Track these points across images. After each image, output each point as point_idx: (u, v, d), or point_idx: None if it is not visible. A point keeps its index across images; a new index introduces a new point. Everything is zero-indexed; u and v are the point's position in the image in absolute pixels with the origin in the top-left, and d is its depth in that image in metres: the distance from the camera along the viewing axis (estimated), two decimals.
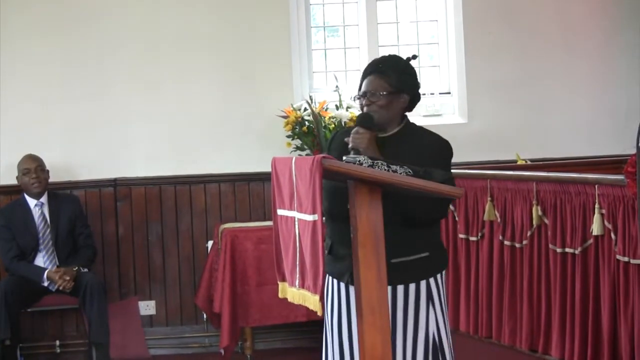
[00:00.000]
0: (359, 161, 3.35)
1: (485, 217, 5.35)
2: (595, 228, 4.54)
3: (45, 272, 6.25)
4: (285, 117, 6.73)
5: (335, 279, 3.71)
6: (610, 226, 4.48)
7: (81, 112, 6.84)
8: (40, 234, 6.38)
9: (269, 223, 5.68)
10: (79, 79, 6.84)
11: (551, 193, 4.89)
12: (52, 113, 6.83)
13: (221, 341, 6.23)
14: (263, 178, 6.79)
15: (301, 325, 6.41)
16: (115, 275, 6.89)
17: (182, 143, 6.94)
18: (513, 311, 5.22)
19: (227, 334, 6.16)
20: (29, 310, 6.42)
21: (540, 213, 4.95)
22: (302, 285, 3.39)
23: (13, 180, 6.54)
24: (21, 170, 6.46)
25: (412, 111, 3.78)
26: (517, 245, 5.16)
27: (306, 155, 6.45)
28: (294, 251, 3.43)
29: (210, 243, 6.73)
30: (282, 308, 6.15)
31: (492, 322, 5.37)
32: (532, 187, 5.00)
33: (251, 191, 6.96)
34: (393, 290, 3.57)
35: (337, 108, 6.77)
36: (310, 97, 6.80)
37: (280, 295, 3.63)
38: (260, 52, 6.96)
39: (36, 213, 6.42)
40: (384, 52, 7.09)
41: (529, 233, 5.06)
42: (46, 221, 6.42)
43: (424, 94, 7.25)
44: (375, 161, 3.36)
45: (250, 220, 6.88)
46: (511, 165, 6.28)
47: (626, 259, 4.38)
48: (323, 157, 3.23)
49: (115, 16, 6.87)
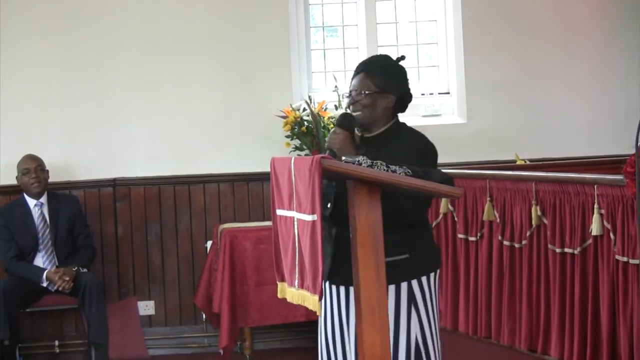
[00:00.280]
0: (358, 161, 3.35)
1: (484, 217, 5.35)
2: (594, 228, 4.53)
3: (44, 273, 6.24)
4: (284, 117, 6.72)
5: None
6: (609, 226, 4.48)
7: (81, 112, 6.84)
8: (39, 234, 6.38)
9: (268, 223, 5.69)
10: (79, 79, 6.84)
11: (550, 193, 4.88)
12: (52, 113, 6.83)
13: (220, 341, 6.23)
14: (262, 178, 6.79)
15: (300, 325, 6.41)
16: (114, 275, 6.89)
17: (182, 143, 6.94)
18: (512, 311, 5.22)
19: (226, 334, 6.16)
20: (28, 310, 6.42)
21: (539, 213, 4.95)
22: (302, 285, 3.39)
23: (12, 180, 6.54)
24: (21, 170, 6.45)
25: (405, 112, 3.77)
26: (516, 245, 5.15)
27: (305, 155, 6.46)
28: (293, 251, 3.43)
29: (209, 243, 6.73)
30: (281, 308, 6.15)
31: (492, 322, 5.37)
32: (531, 187, 5.00)
33: (250, 191, 6.96)
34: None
35: (336, 108, 6.76)
36: (309, 97, 6.80)
37: (279, 295, 3.63)
38: (259, 52, 6.96)
39: (36, 213, 6.42)
40: (384, 52, 7.10)
41: (528, 233, 5.05)
42: (45, 221, 6.41)
43: (423, 94, 7.26)
44: (374, 161, 3.36)
45: (249, 220, 6.88)
46: (510, 165, 6.27)
47: (625, 259, 4.37)
48: (322, 157, 3.23)
49: (115, 16, 6.87)
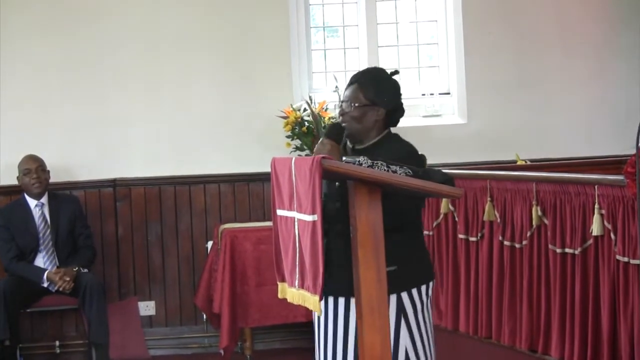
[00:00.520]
0: (359, 161, 3.35)
1: (485, 218, 5.35)
2: (595, 228, 4.53)
3: (45, 273, 6.24)
4: (284, 118, 6.72)
5: None
6: (610, 226, 4.48)
7: (81, 113, 6.84)
8: (40, 235, 6.38)
9: (269, 223, 5.67)
10: (79, 80, 6.84)
11: (551, 193, 4.88)
12: (52, 113, 6.83)
13: (221, 341, 6.23)
14: (263, 178, 6.79)
15: (300, 325, 6.41)
16: (114, 275, 6.88)
17: (182, 143, 6.94)
18: (513, 311, 5.21)
19: (227, 335, 6.16)
20: (29, 310, 6.41)
21: (540, 213, 4.95)
22: (302, 285, 3.39)
23: (13, 180, 6.54)
24: (22, 170, 6.45)
25: (397, 125, 3.77)
26: (517, 245, 5.15)
27: (306, 155, 6.45)
28: (294, 251, 3.43)
29: (209, 243, 6.73)
30: (282, 308, 6.15)
31: (492, 323, 5.36)
32: (532, 188, 4.99)
33: (251, 191, 6.96)
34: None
35: (337, 108, 6.76)
36: (309, 98, 6.80)
37: (279, 295, 3.63)
38: (259, 53, 6.96)
39: (36, 213, 6.41)
40: (384, 53, 7.12)
41: (529, 233, 5.05)
42: (46, 221, 6.41)
43: (423, 95, 7.26)
44: (374, 161, 3.36)
45: (249, 220, 6.87)
46: (511, 165, 6.28)
47: (626, 259, 4.37)
48: (322, 158, 3.23)
49: (115, 16, 6.87)
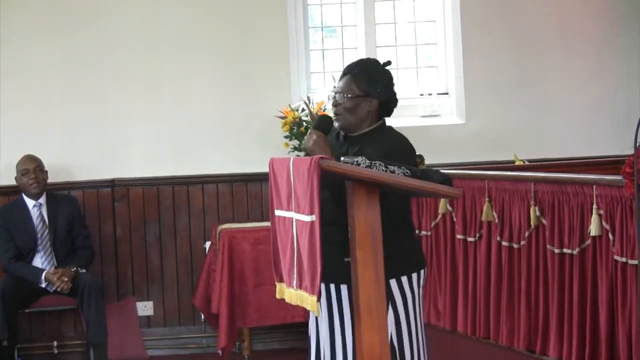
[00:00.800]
0: (357, 162, 3.35)
1: (483, 218, 5.35)
2: (593, 228, 4.53)
3: (43, 273, 6.23)
4: (283, 118, 6.72)
5: None
6: (608, 227, 4.48)
7: (80, 113, 6.84)
8: (38, 235, 6.38)
9: (267, 224, 5.67)
10: (78, 80, 6.83)
11: (549, 193, 4.88)
12: (51, 113, 6.83)
13: (219, 342, 6.23)
14: (261, 178, 6.79)
15: (299, 325, 6.39)
16: (113, 275, 6.88)
17: (180, 143, 6.94)
18: (511, 312, 5.21)
19: (225, 335, 6.16)
20: (27, 310, 6.41)
21: (538, 213, 4.95)
22: (300, 285, 3.39)
23: (11, 180, 6.53)
24: (20, 170, 6.45)
25: (391, 115, 3.80)
26: (515, 245, 5.15)
27: (304, 155, 6.45)
28: (292, 252, 3.43)
29: (208, 244, 6.73)
30: (280, 308, 6.15)
31: (490, 323, 5.36)
32: (530, 188, 5.00)
33: (249, 192, 6.96)
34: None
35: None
36: (308, 98, 6.80)
37: (277, 295, 3.63)
38: (258, 53, 6.96)
39: (34, 214, 6.41)
40: (382, 53, 7.11)
41: (527, 234, 5.05)
42: (44, 222, 6.41)
43: (422, 95, 7.26)
44: (373, 162, 3.36)
45: (248, 220, 6.87)
46: (509, 165, 6.28)
47: (624, 260, 4.37)
48: (321, 158, 3.24)
49: (114, 16, 6.87)
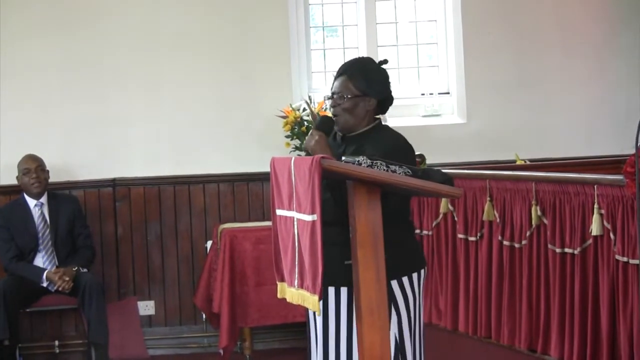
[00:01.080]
0: (358, 161, 3.35)
1: (484, 217, 5.34)
2: (594, 228, 4.53)
3: (44, 273, 6.24)
4: (284, 117, 6.72)
5: None
6: (609, 226, 4.47)
7: (80, 112, 6.84)
8: (39, 234, 6.38)
9: (268, 223, 5.67)
10: (79, 79, 6.84)
11: (550, 193, 4.88)
12: (52, 113, 6.83)
13: (220, 341, 6.23)
14: (262, 178, 6.79)
15: (300, 325, 6.39)
16: (114, 275, 6.88)
17: (181, 143, 6.94)
18: (512, 311, 5.21)
19: (226, 334, 6.16)
20: (28, 310, 6.41)
21: (539, 213, 4.95)
22: (301, 285, 3.39)
23: (13, 180, 6.53)
24: (21, 170, 6.45)
25: (388, 112, 3.83)
26: (516, 245, 5.15)
27: (305, 155, 6.45)
28: (293, 251, 3.43)
29: (209, 243, 6.73)
30: (281, 308, 6.15)
31: (491, 322, 5.36)
32: (531, 187, 4.99)
33: (250, 191, 6.96)
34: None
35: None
36: (309, 97, 6.80)
37: (279, 295, 3.63)
38: (259, 52, 6.96)
39: (36, 213, 6.41)
40: (383, 52, 7.11)
41: (528, 233, 5.05)
42: (46, 221, 6.41)
43: (423, 94, 7.26)
44: (374, 161, 3.36)
45: (249, 220, 6.87)
46: (510, 165, 6.28)
47: (625, 259, 4.37)
48: (322, 157, 3.23)
49: (114, 16, 6.87)
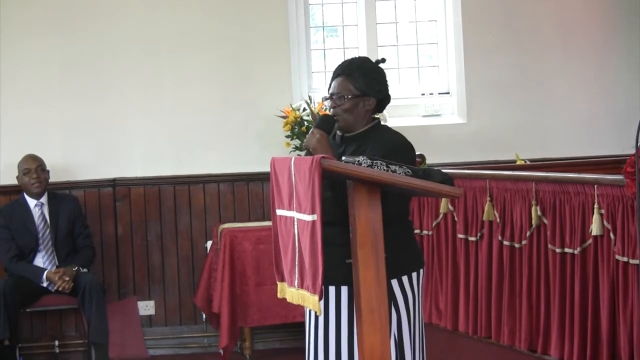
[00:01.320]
0: (358, 161, 3.35)
1: (484, 217, 5.35)
2: (594, 228, 4.53)
3: (44, 273, 6.24)
4: (284, 117, 6.72)
5: None
6: (609, 226, 4.48)
7: (81, 112, 6.84)
8: (39, 234, 6.38)
9: (268, 223, 5.69)
10: (79, 79, 6.84)
11: (550, 193, 4.88)
12: (52, 113, 6.83)
13: (220, 341, 6.23)
14: (262, 178, 6.80)
15: (300, 325, 6.36)
16: (114, 275, 6.88)
17: (181, 143, 6.94)
18: (512, 311, 5.21)
19: (226, 334, 6.16)
20: (28, 310, 6.41)
21: (539, 213, 4.95)
22: (301, 285, 3.39)
23: (13, 180, 6.53)
24: (22, 170, 6.45)
25: (389, 111, 3.83)
26: (517, 245, 5.15)
27: (305, 155, 6.44)
28: (293, 251, 3.43)
29: (209, 243, 6.73)
30: (281, 308, 6.15)
31: (492, 322, 5.36)
32: (531, 187, 4.99)
33: (250, 191, 6.96)
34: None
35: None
36: (309, 97, 6.80)
37: (279, 295, 3.63)
38: (259, 53, 6.96)
39: (36, 213, 6.41)
40: (383, 52, 7.11)
41: (528, 233, 5.05)
42: (46, 221, 6.41)
43: (423, 94, 7.26)
44: (374, 161, 3.36)
45: (249, 220, 6.87)
46: (510, 165, 6.28)
47: (625, 259, 4.37)
48: (322, 157, 3.23)
49: (114, 17, 6.87)
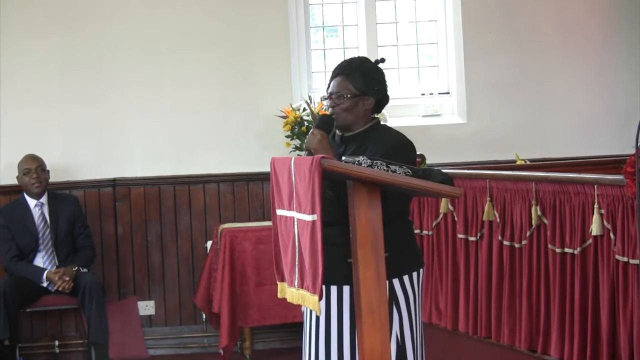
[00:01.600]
0: (358, 161, 3.35)
1: (484, 217, 5.35)
2: (594, 228, 4.53)
3: (44, 273, 6.24)
4: (284, 117, 6.72)
5: None
6: (609, 226, 4.48)
7: (81, 112, 6.84)
8: (39, 234, 6.38)
9: (268, 223, 5.69)
10: (79, 79, 6.84)
11: (550, 193, 4.88)
12: (52, 113, 6.83)
13: (220, 341, 6.23)
14: (262, 178, 6.80)
15: (300, 325, 6.36)
16: (114, 275, 6.88)
17: (181, 143, 6.94)
18: (512, 311, 5.22)
19: (226, 334, 6.16)
20: (28, 310, 6.41)
21: (539, 213, 4.95)
22: (301, 285, 3.39)
23: (13, 180, 6.54)
24: (22, 170, 6.45)
25: (389, 111, 3.82)
26: (517, 245, 5.15)
27: (305, 155, 6.44)
28: (293, 251, 3.43)
29: (209, 243, 6.73)
30: (281, 308, 6.15)
31: (492, 322, 5.36)
32: (531, 187, 5.00)
33: (250, 191, 6.96)
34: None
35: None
36: (309, 97, 6.80)
37: (279, 295, 3.63)
38: (259, 53, 6.96)
39: (36, 213, 6.41)
40: (383, 52, 7.11)
41: (528, 233, 5.05)
42: (46, 221, 6.41)
43: (423, 94, 7.26)
44: (374, 161, 3.36)
45: (249, 220, 6.87)
46: (510, 165, 6.28)
47: (625, 259, 4.37)
48: (322, 157, 3.23)
49: (115, 17, 6.87)
